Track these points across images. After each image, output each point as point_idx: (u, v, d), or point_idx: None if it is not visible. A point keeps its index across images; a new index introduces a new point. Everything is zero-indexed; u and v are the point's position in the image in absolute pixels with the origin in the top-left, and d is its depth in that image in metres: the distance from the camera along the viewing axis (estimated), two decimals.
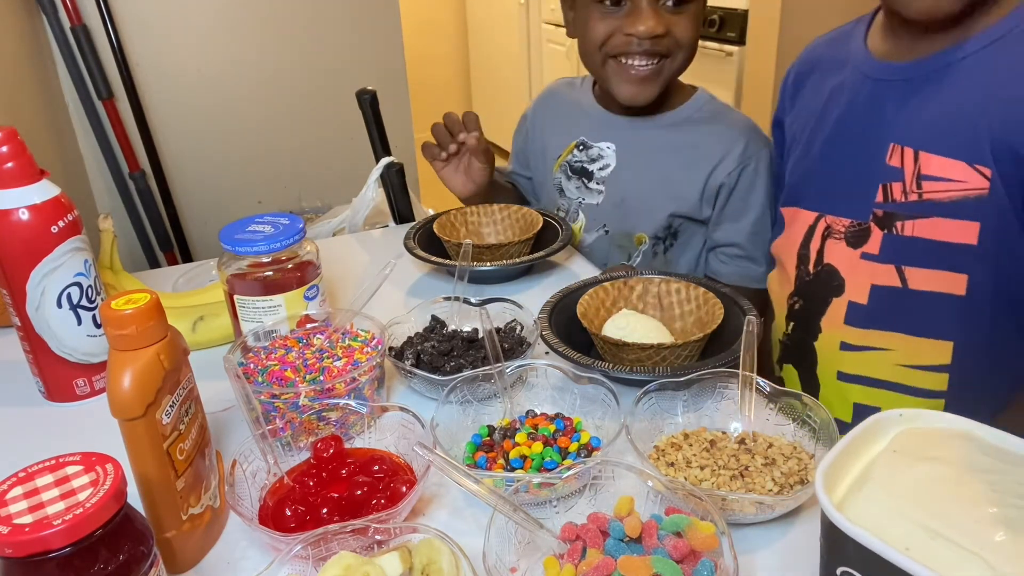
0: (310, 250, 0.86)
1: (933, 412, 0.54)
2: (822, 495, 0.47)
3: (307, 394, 0.73)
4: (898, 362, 0.84)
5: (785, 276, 0.96)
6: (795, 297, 0.93)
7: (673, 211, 1.17)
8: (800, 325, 0.93)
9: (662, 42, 1.07)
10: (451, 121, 1.19)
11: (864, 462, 0.52)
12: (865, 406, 0.88)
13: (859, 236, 0.86)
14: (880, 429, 0.54)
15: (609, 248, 1.23)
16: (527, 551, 0.58)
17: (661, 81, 1.12)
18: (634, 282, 0.94)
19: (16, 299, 0.78)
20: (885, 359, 0.85)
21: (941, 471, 0.49)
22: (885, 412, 0.54)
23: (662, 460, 0.67)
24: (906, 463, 0.50)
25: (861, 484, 0.50)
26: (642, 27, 1.05)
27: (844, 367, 0.88)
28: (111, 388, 0.56)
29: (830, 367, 0.90)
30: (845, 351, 0.88)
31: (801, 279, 0.93)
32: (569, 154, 1.26)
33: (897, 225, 0.82)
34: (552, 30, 3.77)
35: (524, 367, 0.78)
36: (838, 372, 0.89)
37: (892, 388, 0.85)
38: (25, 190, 0.75)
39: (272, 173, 2.19)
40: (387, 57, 2.23)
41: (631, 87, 1.11)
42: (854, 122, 0.87)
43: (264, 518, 0.62)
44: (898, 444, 0.52)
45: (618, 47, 1.09)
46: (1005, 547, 0.43)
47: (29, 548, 0.44)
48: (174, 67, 2.01)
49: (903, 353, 0.84)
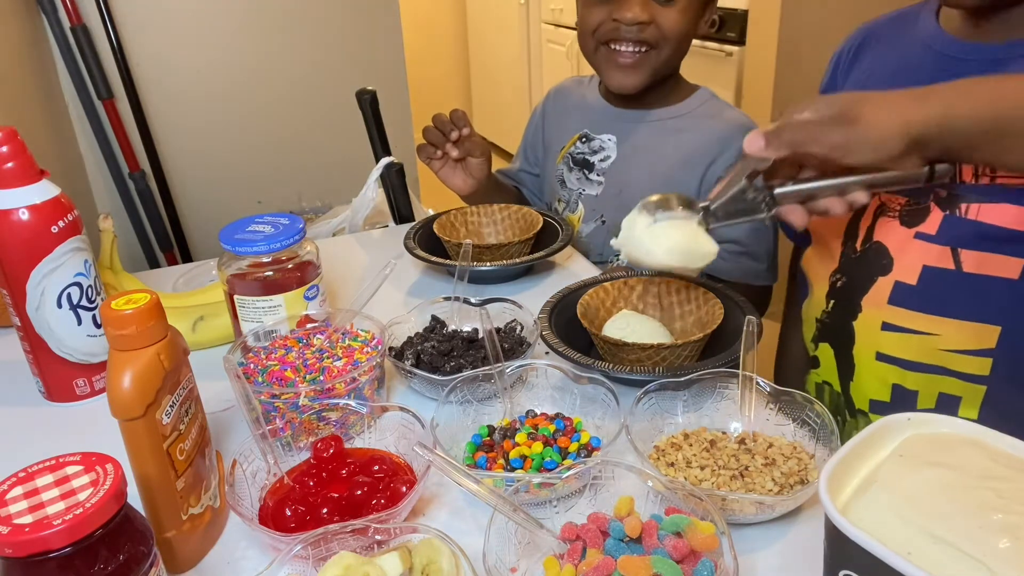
0: (310, 250, 0.86)
1: (943, 417, 0.54)
2: (825, 497, 0.47)
3: (307, 394, 0.73)
4: (941, 346, 0.82)
5: (828, 253, 0.93)
6: (838, 274, 0.91)
7: None
8: (840, 303, 0.90)
9: (647, 30, 1.11)
10: (441, 122, 1.21)
11: (870, 466, 0.52)
12: (904, 388, 0.86)
13: (916, 215, 0.83)
14: (888, 433, 0.53)
15: (605, 239, 1.24)
16: (527, 551, 0.58)
17: (648, 70, 1.15)
18: (634, 282, 0.94)
19: (16, 299, 0.78)
20: (928, 342, 0.82)
21: (947, 476, 0.48)
22: (893, 416, 0.54)
23: (662, 460, 0.67)
24: (912, 467, 0.50)
25: (866, 487, 0.49)
26: (628, 13, 1.09)
27: (883, 348, 0.86)
28: (111, 388, 0.56)
29: (869, 347, 0.87)
30: (886, 331, 0.85)
31: (847, 256, 0.90)
32: (572, 146, 1.28)
33: (962, 207, 0.79)
34: (552, 30, 3.77)
35: (524, 367, 0.78)
36: (877, 353, 0.87)
37: (934, 371, 0.83)
38: (25, 190, 0.75)
39: (272, 173, 2.19)
40: (387, 57, 2.23)
41: (618, 74, 1.16)
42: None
43: (264, 518, 0.62)
44: (905, 449, 0.52)
45: (607, 34, 1.13)
46: (1008, 554, 0.43)
47: (29, 548, 0.44)
48: (174, 67, 2.01)
49: (948, 337, 0.81)
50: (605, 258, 1.24)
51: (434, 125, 1.22)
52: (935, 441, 0.52)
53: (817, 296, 0.95)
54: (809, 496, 0.63)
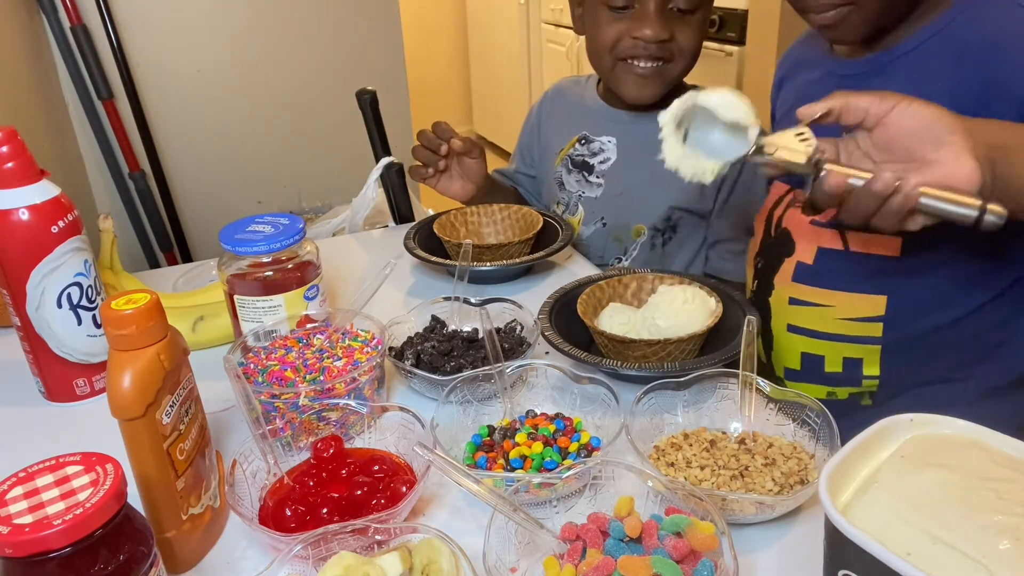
0: (310, 250, 0.86)
1: (944, 418, 0.54)
2: (825, 497, 0.47)
3: (307, 394, 0.73)
4: (838, 316, 0.91)
5: (755, 240, 1.05)
6: (759, 257, 1.02)
7: (673, 203, 1.19)
8: (760, 283, 1.01)
9: (666, 46, 1.11)
10: (427, 139, 1.19)
11: (871, 467, 0.52)
12: (811, 355, 0.95)
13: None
14: (890, 434, 0.53)
15: (606, 241, 1.25)
16: (527, 551, 0.58)
17: (664, 82, 1.15)
18: (628, 279, 0.94)
19: (16, 299, 0.78)
20: (827, 313, 0.92)
21: (948, 478, 0.48)
22: (895, 417, 0.54)
23: (662, 460, 0.67)
24: (913, 468, 0.50)
25: (866, 488, 0.49)
26: (648, 31, 1.09)
27: (792, 320, 0.96)
28: (111, 388, 0.56)
29: (781, 320, 0.97)
30: (793, 305, 0.95)
31: (765, 242, 1.01)
32: (571, 148, 1.28)
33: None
34: (552, 30, 3.77)
35: (524, 367, 0.78)
36: (788, 325, 0.96)
37: (835, 339, 0.92)
38: (25, 190, 0.75)
39: (272, 173, 2.19)
40: (387, 57, 2.23)
41: (636, 87, 1.15)
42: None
43: (264, 518, 0.62)
44: (907, 450, 0.52)
45: (626, 50, 1.12)
46: (1009, 556, 0.43)
47: (29, 548, 0.44)
48: (174, 67, 2.01)
49: (841, 308, 0.91)
50: (606, 260, 1.24)
51: (420, 144, 1.20)
52: (937, 442, 0.52)
53: (748, 278, 1.08)
54: (809, 496, 0.63)
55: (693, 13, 1.10)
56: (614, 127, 1.24)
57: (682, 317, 0.85)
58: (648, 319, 0.86)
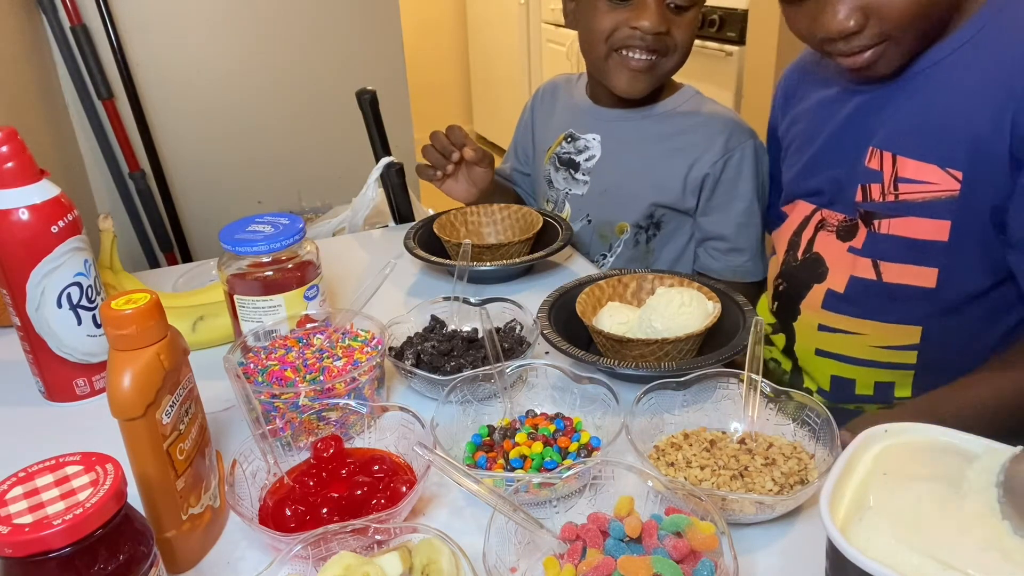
0: (310, 250, 0.86)
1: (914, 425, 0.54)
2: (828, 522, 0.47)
3: (307, 394, 0.73)
4: (870, 344, 0.91)
5: (775, 260, 1.04)
6: (780, 280, 1.01)
7: (655, 200, 1.19)
8: (782, 305, 1.01)
9: (662, 40, 1.11)
10: (441, 143, 1.20)
11: (856, 479, 0.52)
12: (841, 378, 0.95)
13: (849, 231, 0.92)
14: (868, 447, 0.54)
15: (591, 237, 1.26)
16: (527, 551, 0.58)
17: (655, 76, 1.15)
18: (628, 279, 0.94)
19: (16, 299, 0.78)
20: (858, 341, 0.92)
21: (935, 491, 0.49)
22: (872, 429, 0.54)
23: (662, 460, 0.67)
24: (901, 485, 0.50)
25: (859, 507, 0.49)
26: (647, 22, 1.08)
27: (822, 346, 0.95)
28: (111, 388, 0.55)
29: (808, 345, 0.97)
30: (822, 331, 0.95)
31: (788, 264, 1.00)
32: (558, 146, 1.28)
33: (875, 223, 0.88)
34: (552, 30, 3.77)
35: (524, 367, 0.78)
36: (816, 349, 0.96)
37: (865, 364, 0.92)
38: (25, 190, 0.75)
39: (272, 173, 2.19)
40: (387, 57, 2.23)
41: (627, 79, 1.15)
42: (841, 130, 0.94)
43: (264, 518, 0.62)
44: (885, 464, 0.52)
45: (622, 40, 1.12)
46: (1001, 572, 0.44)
47: (29, 548, 0.44)
48: (174, 67, 2.01)
49: (874, 337, 0.91)
50: (592, 258, 1.24)
51: (433, 146, 1.20)
52: (909, 450, 0.53)
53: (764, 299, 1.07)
54: (809, 496, 0.63)
55: (688, 10, 1.11)
56: (599, 125, 1.24)
57: (678, 321, 0.84)
58: (645, 320, 0.86)
